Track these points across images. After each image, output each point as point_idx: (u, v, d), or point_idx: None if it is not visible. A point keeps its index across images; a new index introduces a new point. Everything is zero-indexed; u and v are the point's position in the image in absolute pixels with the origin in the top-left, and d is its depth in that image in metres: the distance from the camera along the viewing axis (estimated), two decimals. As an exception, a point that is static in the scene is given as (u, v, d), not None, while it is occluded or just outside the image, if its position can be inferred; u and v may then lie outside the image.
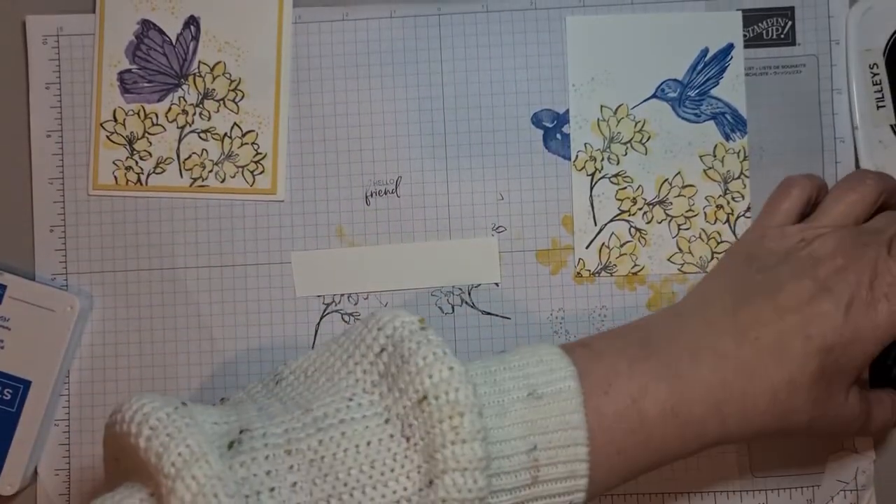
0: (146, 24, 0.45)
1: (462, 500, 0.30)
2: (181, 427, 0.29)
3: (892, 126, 0.43)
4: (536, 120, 0.44)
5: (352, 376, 0.33)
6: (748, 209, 0.43)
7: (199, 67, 0.45)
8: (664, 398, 0.34)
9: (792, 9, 0.44)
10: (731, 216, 0.44)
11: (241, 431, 0.31)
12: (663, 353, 0.35)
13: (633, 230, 0.44)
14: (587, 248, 0.44)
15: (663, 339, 0.35)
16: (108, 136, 0.45)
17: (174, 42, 0.45)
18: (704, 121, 0.44)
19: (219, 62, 0.45)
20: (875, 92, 0.43)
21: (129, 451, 0.30)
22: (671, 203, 0.44)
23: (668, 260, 0.44)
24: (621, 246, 0.44)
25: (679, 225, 0.44)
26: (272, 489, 0.29)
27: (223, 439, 0.30)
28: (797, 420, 0.35)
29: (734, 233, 0.43)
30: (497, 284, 0.44)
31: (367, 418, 0.31)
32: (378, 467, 0.30)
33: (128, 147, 0.45)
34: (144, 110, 0.45)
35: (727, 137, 0.44)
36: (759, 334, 0.35)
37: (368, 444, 0.30)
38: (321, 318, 0.44)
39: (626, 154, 0.44)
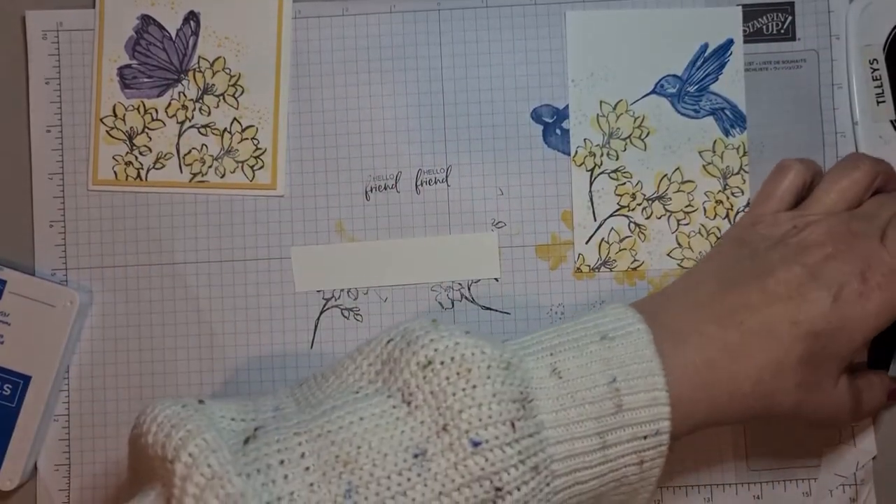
0: (146, 19, 0.45)
1: (486, 425, 0.31)
2: (199, 425, 0.31)
3: (891, 121, 0.43)
4: (536, 115, 0.44)
5: (358, 371, 0.35)
6: (748, 204, 0.43)
7: (198, 62, 0.45)
8: None
9: (792, 4, 0.44)
10: (730, 211, 0.44)
11: (256, 429, 0.33)
12: None
13: (632, 225, 0.44)
14: (587, 243, 0.44)
15: (649, 321, 0.36)
16: (107, 132, 0.45)
17: (174, 37, 0.45)
18: (704, 116, 0.44)
19: (219, 57, 0.44)
20: (875, 87, 0.43)
21: (145, 454, 0.32)
22: (670, 198, 0.44)
23: (668, 255, 0.44)
24: (621, 241, 0.44)
25: (678, 220, 0.44)
26: (282, 462, 0.31)
27: (239, 436, 0.32)
28: (783, 403, 0.36)
29: (734, 228, 0.43)
30: (497, 279, 0.44)
31: (368, 397, 0.33)
32: (381, 430, 0.32)
33: (128, 142, 0.45)
34: (144, 105, 0.45)
35: (726, 133, 0.44)
36: (745, 318, 0.36)
37: (373, 414, 0.32)
38: (321, 313, 0.44)
39: (625, 149, 0.44)
